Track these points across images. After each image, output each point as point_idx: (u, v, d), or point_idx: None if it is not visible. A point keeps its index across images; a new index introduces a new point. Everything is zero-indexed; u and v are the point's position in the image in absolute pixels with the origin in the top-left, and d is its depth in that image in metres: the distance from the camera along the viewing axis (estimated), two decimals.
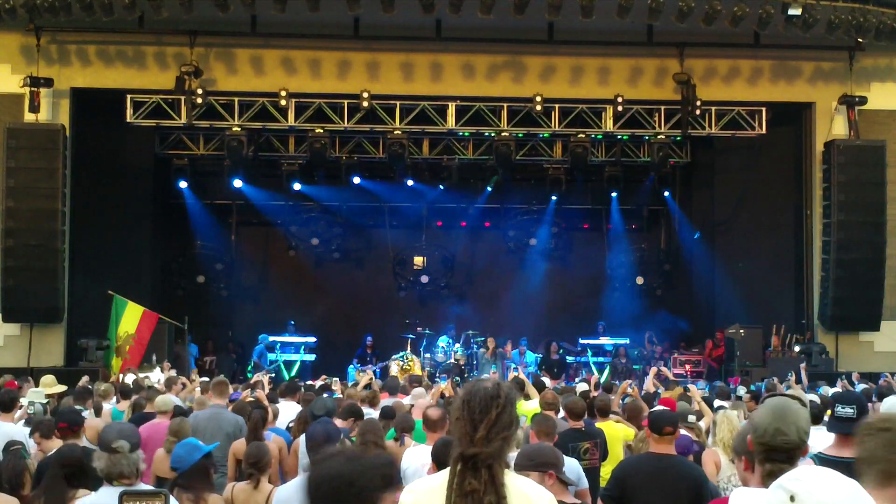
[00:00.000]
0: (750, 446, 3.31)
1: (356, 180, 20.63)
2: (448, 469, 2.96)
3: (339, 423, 7.08)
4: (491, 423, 2.88)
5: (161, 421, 8.38)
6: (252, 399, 9.54)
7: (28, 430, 7.80)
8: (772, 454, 3.20)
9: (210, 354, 19.93)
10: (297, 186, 20.50)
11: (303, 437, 6.79)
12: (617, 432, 8.27)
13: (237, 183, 20.36)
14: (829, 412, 6.54)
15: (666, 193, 21.51)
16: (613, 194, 21.26)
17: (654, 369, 12.75)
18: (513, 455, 6.13)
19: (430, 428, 6.67)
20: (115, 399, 10.43)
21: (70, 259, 16.86)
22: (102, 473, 4.20)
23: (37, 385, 10.64)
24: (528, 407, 8.97)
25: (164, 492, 3.86)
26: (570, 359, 20.12)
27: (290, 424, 8.54)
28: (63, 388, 10.75)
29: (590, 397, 9.26)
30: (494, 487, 2.83)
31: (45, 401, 9.61)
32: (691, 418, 6.84)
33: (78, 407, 8.48)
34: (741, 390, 11.45)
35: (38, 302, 16.33)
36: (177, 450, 5.42)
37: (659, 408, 6.34)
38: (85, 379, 12.29)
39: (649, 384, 11.58)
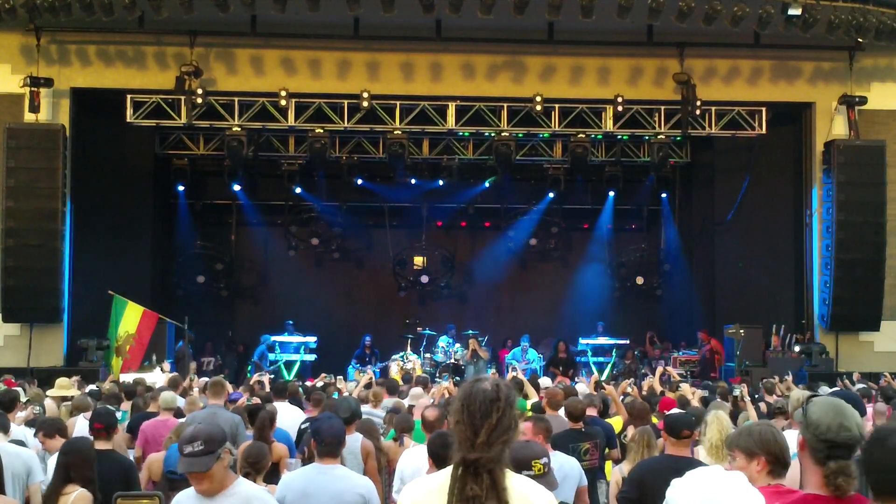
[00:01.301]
0: (801, 446, 3.30)
1: (358, 182, 20.71)
2: (447, 471, 2.94)
3: None
4: (492, 427, 2.85)
5: (166, 418, 8.34)
6: (249, 403, 9.53)
7: (30, 429, 7.83)
8: (835, 451, 3.19)
9: (209, 355, 19.93)
10: (297, 191, 20.60)
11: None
12: None
13: (236, 187, 20.48)
14: None
15: (663, 195, 21.52)
16: (611, 193, 21.22)
17: (659, 369, 12.73)
18: None
19: (428, 429, 6.68)
20: None
21: (70, 259, 16.86)
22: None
23: (53, 387, 10.61)
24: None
25: (159, 494, 3.87)
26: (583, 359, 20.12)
27: (303, 426, 8.47)
28: (76, 392, 10.71)
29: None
30: (496, 493, 2.81)
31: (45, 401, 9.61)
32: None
33: (111, 408, 8.45)
34: (736, 391, 11.40)
35: (38, 302, 16.34)
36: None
37: (676, 411, 6.38)
38: (76, 380, 12.17)
39: (655, 384, 11.54)
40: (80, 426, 8.23)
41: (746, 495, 3.00)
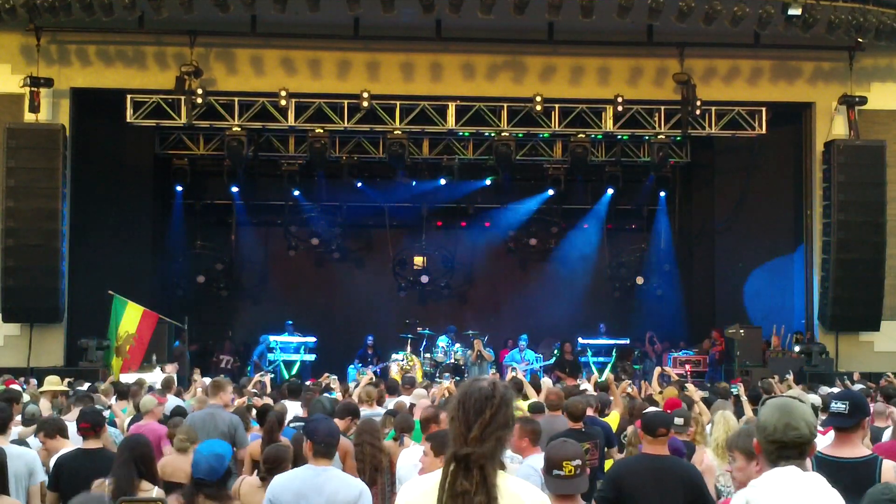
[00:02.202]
0: (757, 450, 3.28)
1: (358, 185, 20.74)
2: (441, 470, 2.95)
3: (337, 422, 7.08)
4: (485, 423, 2.86)
5: (149, 421, 8.35)
6: (248, 404, 9.53)
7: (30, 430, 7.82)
8: (784, 451, 3.17)
9: (228, 354, 19.96)
10: (296, 192, 20.64)
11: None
12: None
13: (234, 189, 20.51)
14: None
15: (662, 193, 21.50)
16: (609, 191, 21.16)
17: (658, 369, 12.74)
18: (517, 456, 6.15)
19: (421, 428, 6.70)
20: (113, 399, 10.42)
21: (70, 259, 16.87)
22: None
23: (41, 385, 10.63)
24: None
25: (161, 498, 3.84)
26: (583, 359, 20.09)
27: (292, 424, 8.49)
28: (66, 388, 10.72)
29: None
30: (486, 488, 2.82)
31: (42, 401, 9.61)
32: (678, 420, 6.80)
33: (99, 407, 8.44)
34: (734, 390, 11.40)
35: (38, 302, 16.34)
36: (209, 461, 4.88)
37: (652, 409, 6.35)
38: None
39: (654, 385, 11.53)
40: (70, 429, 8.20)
41: (827, 496, 2.98)
